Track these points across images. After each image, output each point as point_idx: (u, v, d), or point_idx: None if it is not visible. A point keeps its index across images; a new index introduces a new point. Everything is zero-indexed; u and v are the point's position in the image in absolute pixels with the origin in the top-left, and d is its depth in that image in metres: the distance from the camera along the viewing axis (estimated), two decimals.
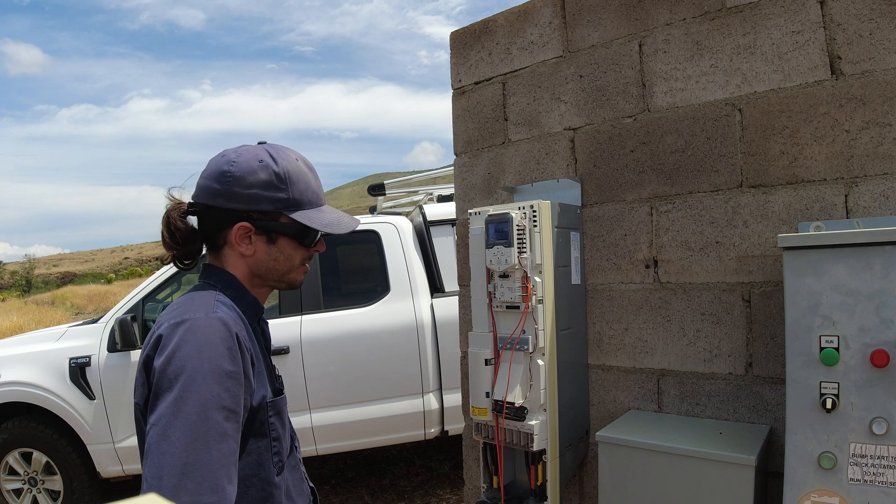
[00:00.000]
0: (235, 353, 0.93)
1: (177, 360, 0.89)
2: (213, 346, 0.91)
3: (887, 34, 1.34)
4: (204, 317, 0.95)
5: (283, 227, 1.06)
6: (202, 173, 1.07)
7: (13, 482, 3.38)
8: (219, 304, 0.99)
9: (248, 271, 1.08)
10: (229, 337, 0.94)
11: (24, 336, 4.02)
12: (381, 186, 4.23)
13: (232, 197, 1.02)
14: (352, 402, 3.36)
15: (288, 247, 1.08)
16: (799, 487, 1.14)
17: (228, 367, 0.91)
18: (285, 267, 1.09)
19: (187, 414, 0.85)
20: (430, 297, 3.53)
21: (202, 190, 1.05)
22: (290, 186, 1.05)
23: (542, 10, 1.92)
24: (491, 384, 1.59)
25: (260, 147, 1.08)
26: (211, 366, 0.89)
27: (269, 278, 1.10)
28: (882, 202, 1.35)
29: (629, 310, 1.75)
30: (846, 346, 1.11)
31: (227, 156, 1.06)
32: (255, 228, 1.04)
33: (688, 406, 1.64)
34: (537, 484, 1.61)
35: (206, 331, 0.92)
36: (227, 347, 0.92)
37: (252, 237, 1.05)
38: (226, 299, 1.02)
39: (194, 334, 0.92)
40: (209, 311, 0.96)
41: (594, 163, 1.81)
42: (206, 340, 0.91)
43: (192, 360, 0.89)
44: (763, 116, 1.51)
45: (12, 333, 9.71)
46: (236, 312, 1.02)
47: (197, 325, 0.93)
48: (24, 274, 62.08)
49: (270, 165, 1.04)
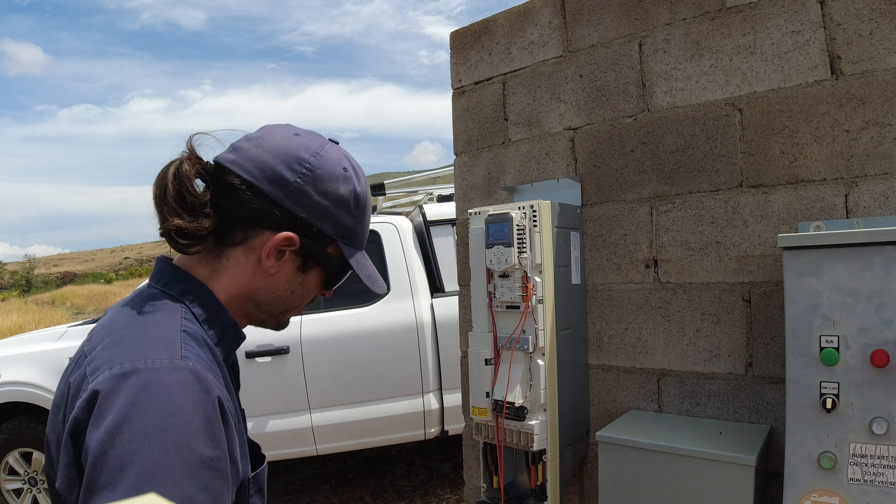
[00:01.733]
0: (217, 426, 0.63)
1: (123, 440, 0.58)
2: (182, 419, 0.60)
3: (887, 34, 1.34)
4: (168, 365, 0.63)
5: (327, 258, 0.82)
6: (259, 141, 0.79)
7: (13, 482, 3.38)
8: (186, 340, 0.69)
9: (244, 293, 0.80)
10: (208, 402, 0.64)
11: (24, 336, 4.02)
12: (381, 186, 4.23)
13: (298, 196, 0.77)
14: (352, 402, 3.36)
15: (314, 281, 0.85)
16: (799, 487, 1.14)
17: (207, 453, 0.61)
18: (295, 303, 0.85)
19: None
20: (430, 297, 3.53)
21: (256, 165, 0.77)
22: (361, 217, 0.84)
23: (542, 10, 1.92)
24: (491, 384, 1.59)
25: (339, 148, 0.84)
26: (179, 451, 0.59)
27: (266, 309, 0.84)
28: (882, 202, 1.35)
29: (629, 310, 1.75)
30: (846, 346, 1.11)
31: (307, 141, 0.80)
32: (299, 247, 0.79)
33: (688, 406, 1.64)
34: (537, 484, 1.61)
35: (172, 392, 0.62)
36: (203, 419, 0.62)
37: (287, 252, 0.80)
38: (195, 326, 0.73)
39: (152, 396, 0.60)
40: (175, 355, 0.65)
41: (594, 163, 1.81)
42: (171, 408, 0.60)
43: (149, 441, 0.58)
44: (763, 116, 1.51)
45: (12, 333, 9.71)
46: (206, 348, 0.72)
47: (157, 379, 0.62)
48: (24, 274, 62.12)
49: (353, 182, 0.82)
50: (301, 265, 0.81)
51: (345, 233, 0.82)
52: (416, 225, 3.76)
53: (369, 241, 3.62)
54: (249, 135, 0.80)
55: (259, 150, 0.77)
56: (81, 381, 0.65)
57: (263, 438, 3.27)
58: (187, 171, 0.74)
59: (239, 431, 0.73)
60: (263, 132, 0.80)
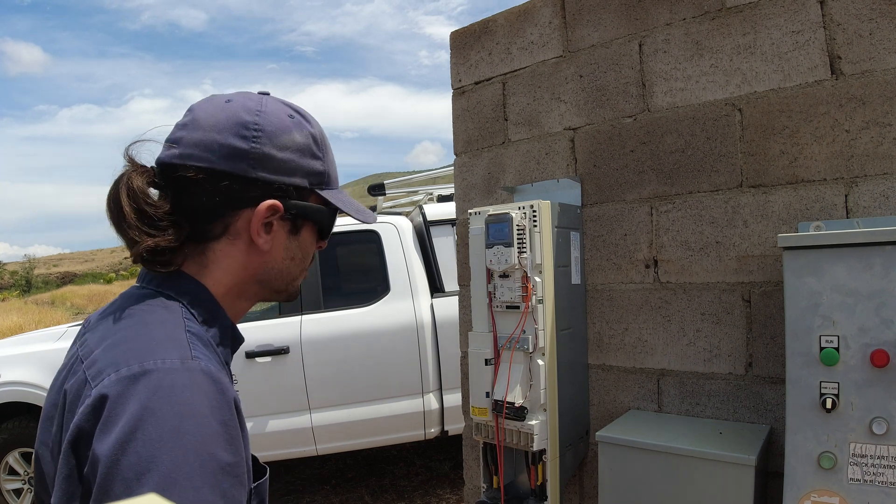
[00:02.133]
0: (235, 430, 0.60)
1: (138, 447, 0.53)
2: (199, 423, 0.56)
3: (887, 34, 1.34)
4: (180, 366, 0.59)
5: (313, 211, 0.77)
6: (195, 124, 0.72)
7: (13, 482, 3.38)
8: (193, 340, 0.64)
9: (246, 276, 0.75)
10: (224, 404, 0.60)
11: (23, 336, 4.02)
12: (381, 186, 4.23)
13: (262, 161, 0.71)
14: (352, 402, 3.36)
15: (308, 239, 0.80)
16: (799, 487, 1.14)
17: (226, 458, 0.57)
18: (298, 269, 0.80)
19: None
20: (430, 297, 3.53)
21: (204, 147, 0.70)
22: (325, 155, 0.78)
23: (542, 10, 1.92)
24: (491, 384, 1.59)
25: (275, 98, 0.78)
26: (199, 457, 0.54)
27: (273, 285, 0.79)
28: (882, 202, 1.35)
29: (629, 310, 1.75)
30: (846, 346, 1.11)
31: (242, 102, 0.74)
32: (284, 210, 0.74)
33: (688, 406, 1.64)
34: (537, 484, 1.61)
35: (187, 393, 0.57)
36: (220, 422, 0.58)
37: (274, 223, 0.74)
38: (198, 326, 0.69)
39: (167, 398, 0.56)
40: (185, 355, 0.61)
41: (594, 163, 1.81)
42: (188, 411, 0.56)
43: (166, 447, 0.53)
44: (763, 116, 1.51)
45: (12, 333, 9.72)
46: (213, 351, 0.68)
47: (170, 381, 0.57)
48: (24, 274, 62.13)
49: (305, 125, 0.76)
50: (291, 228, 0.77)
51: (318, 178, 0.77)
52: (416, 225, 3.76)
53: (369, 241, 3.63)
54: (180, 122, 0.73)
55: (200, 133, 0.71)
56: (81, 388, 0.60)
57: (263, 438, 3.27)
58: (139, 185, 0.69)
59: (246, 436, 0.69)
60: (194, 114, 0.73)
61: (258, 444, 3.27)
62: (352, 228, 3.71)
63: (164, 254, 0.69)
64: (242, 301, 0.78)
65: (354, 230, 3.71)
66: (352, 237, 3.75)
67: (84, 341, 0.68)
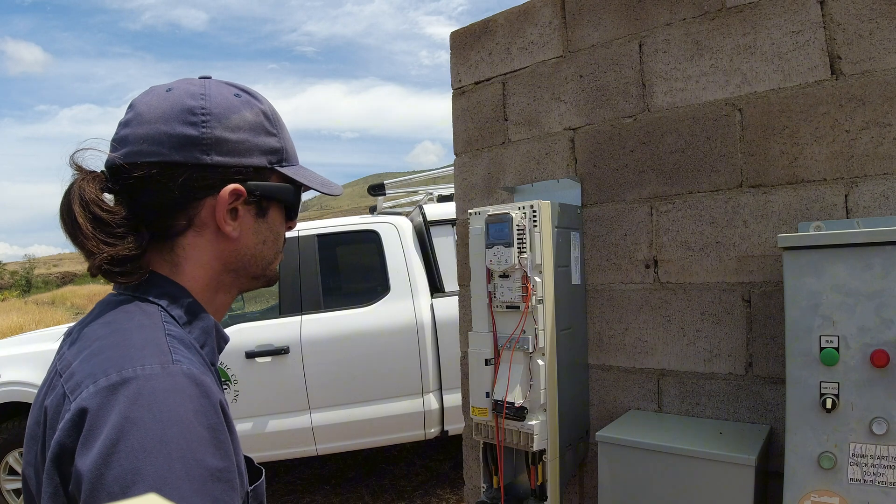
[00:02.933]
0: (222, 434, 0.57)
1: (121, 459, 0.51)
2: (184, 429, 0.54)
3: (887, 34, 1.34)
4: (161, 371, 0.57)
5: (276, 190, 0.74)
6: (139, 119, 0.68)
7: (13, 482, 3.38)
8: (173, 343, 0.62)
9: (219, 267, 0.73)
10: (210, 407, 0.57)
11: (24, 336, 4.02)
12: (381, 186, 4.23)
13: (215, 145, 0.68)
14: (352, 402, 3.36)
15: (276, 220, 0.77)
16: (799, 487, 1.14)
17: (214, 464, 0.55)
18: (271, 253, 0.77)
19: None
20: (430, 297, 3.53)
21: (152, 141, 0.66)
22: (280, 131, 0.76)
23: (542, 10, 1.92)
24: (491, 384, 1.59)
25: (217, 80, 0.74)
26: (186, 465, 0.52)
27: (248, 272, 0.76)
28: (882, 202, 1.35)
29: (629, 310, 1.75)
30: (846, 346, 1.11)
31: (184, 88, 0.70)
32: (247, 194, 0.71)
33: (688, 406, 1.64)
34: (537, 484, 1.61)
35: (170, 399, 0.55)
36: (207, 427, 0.56)
37: (239, 208, 0.71)
38: (178, 329, 0.66)
39: (148, 406, 0.54)
40: (166, 360, 0.58)
41: (594, 163, 1.81)
42: (172, 418, 0.54)
43: (150, 457, 0.51)
44: (763, 116, 1.51)
45: (12, 333, 9.71)
46: (196, 353, 0.66)
47: (152, 388, 0.55)
48: (24, 274, 62.13)
49: (254, 102, 0.74)
50: (258, 211, 0.74)
51: (277, 155, 0.74)
52: (416, 225, 3.76)
53: (369, 241, 3.63)
54: (122, 120, 0.70)
55: (145, 127, 0.67)
56: (60, 402, 0.58)
57: (263, 438, 3.27)
58: (91, 192, 0.65)
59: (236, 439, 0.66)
60: (136, 108, 0.69)
61: (258, 444, 3.27)
62: (352, 228, 3.71)
63: (125, 263, 0.65)
64: (222, 294, 0.75)
65: (354, 230, 3.71)
66: (352, 237, 3.75)
67: (62, 355, 0.65)
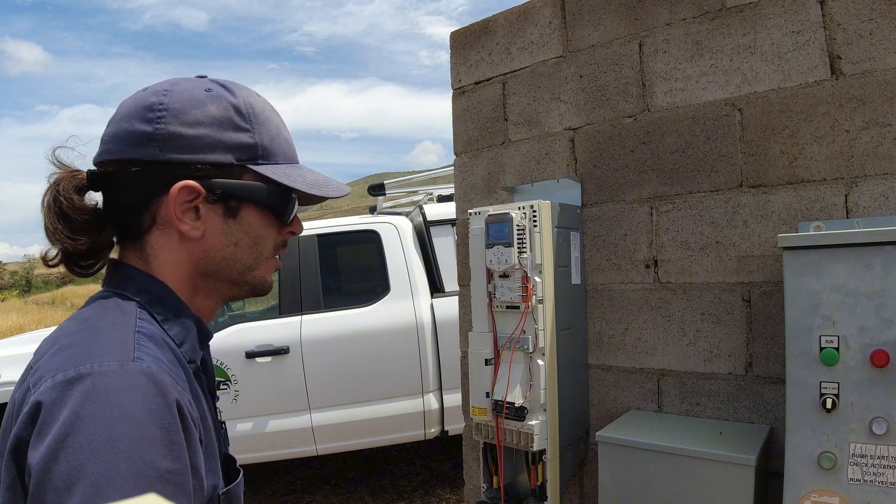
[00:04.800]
0: (176, 435, 0.56)
1: (68, 455, 0.50)
2: (134, 428, 0.53)
3: (887, 34, 1.34)
4: (118, 368, 0.56)
5: (247, 189, 0.70)
6: (112, 118, 0.70)
7: None
8: (141, 340, 0.61)
9: (191, 269, 0.71)
10: (164, 406, 0.56)
11: (24, 336, 4.02)
12: (381, 186, 4.24)
13: (168, 141, 0.66)
14: (352, 402, 3.36)
15: (256, 222, 0.72)
16: (799, 487, 1.14)
17: (164, 465, 0.53)
18: (250, 256, 0.72)
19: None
20: (430, 297, 3.53)
21: (115, 139, 0.67)
22: (257, 126, 0.71)
23: (542, 10, 1.92)
24: (491, 384, 1.59)
25: (202, 78, 0.73)
26: (132, 465, 0.51)
27: (224, 277, 0.72)
28: (882, 202, 1.35)
29: (629, 310, 1.75)
30: (846, 346, 1.11)
31: (155, 86, 0.70)
32: (207, 192, 0.68)
33: (688, 406, 1.64)
34: (537, 484, 1.61)
35: (122, 397, 0.54)
36: (160, 427, 0.54)
37: (200, 207, 0.68)
38: (152, 326, 0.65)
39: (100, 403, 0.53)
40: (126, 357, 0.58)
41: (594, 163, 1.81)
42: (122, 416, 0.53)
43: (96, 455, 0.50)
44: (763, 116, 1.51)
45: (12, 333, 9.71)
46: (167, 349, 0.64)
47: (105, 384, 0.54)
48: (24, 274, 62.11)
49: (225, 96, 0.70)
50: (226, 211, 0.70)
51: (248, 152, 0.70)
52: (416, 225, 3.76)
53: (369, 241, 3.62)
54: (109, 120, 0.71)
55: (113, 126, 0.68)
56: (24, 395, 0.58)
57: (263, 438, 3.27)
58: (64, 189, 0.67)
59: (208, 441, 0.66)
60: (119, 107, 0.70)
61: (258, 444, 3.27)
62: (352, 228, 3.71)
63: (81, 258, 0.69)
64: (200, 298, 0.73)
65: (354, 230, 3.71)
66: (352, 237, 3.75)
67: (37, 349, 0.65)
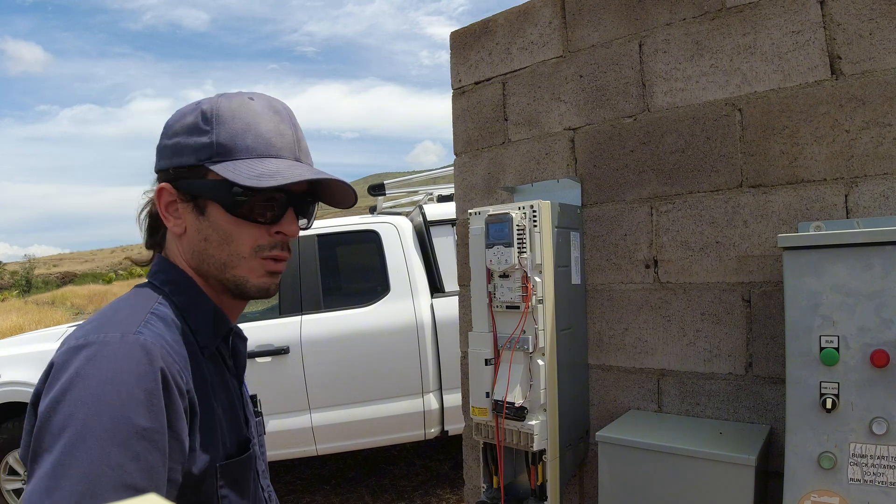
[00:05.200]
0: (157, 398, 0.64)
1: (65, 406, 0.60)
2: (121, 389, 0.62)
3: (887, 34, 1.34)
4: (119, 339, 0.65)
5: (205, 186, 0.75)
6: None
7: (13, 482, 3.38)
8: (151, 320, 0.70)
9: (193, 265, 0.79)
10: (150, 373, 0.64)
11: (24, 336, 4.02)
12: (381, 186, 4.23)
13: (160, 153, 0.78)
14: (352, 402, 3.36)
15: (222, 219, 0.75)
16: (799, 487, 1.14)
17: (142, 423, 0.62)
18: (223, 253, 0.77)
19: (65, 495, 0.56)
20: (430, 297, 3.53)
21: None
22: (216, 127, 0.74)
23: (542, 10, 1.92)
24: (491, 384, 1.59)
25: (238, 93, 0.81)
26: (113, 420, 0.60)
27: (207, 272, 0.78)
28: (882, 202, 1.35)
29: (629, 310, 1.75)
30: (846, 346, 1.11)
31: None
32: (177, 192, 0.76)
33: (688, 406, 1.64)
34: (537, 484, 1.61)
35: (116, 363, 0.63)
36: (144, 390, 0.63)
37: (179, 206, 0.77)
38: (168, 311, 0.74)
39: (97, 366, 0.63)
40: (128, 331, 0.67)
41: (594, 163, 1.81)
42: (113, 378, 0.62)
43: (84, 408, 0.60)
44: (763, 116, 1.51)
45: (12, 333, 9.71)
46: (177, 332, 0.73)
47: (104, 352, 0.64)
48: (24, 274, 62.10)
49: (201, 104, 0.77)
50: (195, 208, 0.76)
51: (206, 152, 0.74)
52: (416, 225, 3.76)
53: (369, 241, 3.62)
54: None
55: None
56: None
57: None
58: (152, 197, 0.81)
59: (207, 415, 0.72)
60: None
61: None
62: (352, 228, 3.71)
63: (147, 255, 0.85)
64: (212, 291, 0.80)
65: (354, 230, 3.70)
66: (352, 237, 3.75)
67: None
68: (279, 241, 0.78)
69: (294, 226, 0.78)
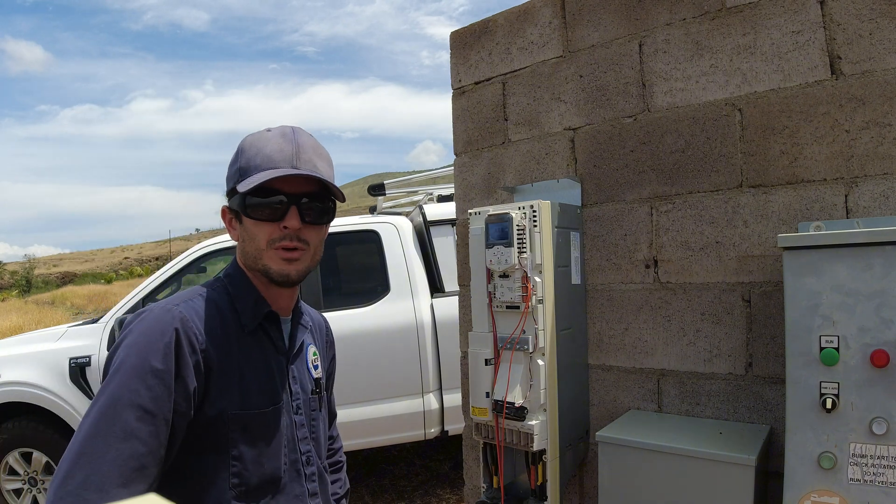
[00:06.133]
0: (170, 350, 0.88)
1: (119, 351, 0.89)
2: (149, 340, 0.88)
3: (887, 34, 1.34)
4: (160, 308, 0.92)
5: (234, 201, 1.00)
6: None
7: (13, 482, 3.38)
8: (195, 299, 0.97)
9: (242, 261, 1.04)
10: (171, 330, 0.89)
11: (24, 336, 4.02)
12: (381, 186, 4.23)
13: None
14: (352, 402, 3.35)
15: (248, 223, 0.99)
16: (799, 487, 1.14)
17: (156, 365, 0.86)
18: (252, 248, 0.99)
19: (100, 405, 0.83)
20: (430, 297, 3.53)
21: None
22: (240, 157, 0.99)
23: (542, 10, 1.92)
24: (491, 384, 1.59)
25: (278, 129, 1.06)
26: (139, 360, 0.86)
27: (251, 265, 1.02)
28: (882, 202, 1.35)
29: (629, 310, 1.75)
30: (846, 346, 1.11)
31: None
32: (229, 210, 1.03)
33: (688, 406, 1.64)
34: (537, 484, 1.61)
35: (151, 324, 0.90)
36: (164, 343, 0.88)
37: (233, 220, 1.03)
38: (217, 295, 0.99)
39: (141, 325, 0.90)
40: (172, 304, 0.94)
41: (594, 163, 1.81)
42: (146, 332, 0.89)
43: (126, 351, 0.88)
44: (763, 116, 1.51)
45: (12, 333, 9.70)
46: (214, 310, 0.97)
47: (148, 317, 0.91)
48: (24, 274, 62.11)
49: (242, 143, 1.02)
50: (236, 219, 1.02)
51: (236, 177, 0.98)
52: (416, 225, 3.76)
53: (369, 241, 3.62)
54: None
55: None
56: None
57: None
58: None
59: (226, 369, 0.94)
60: None
61: None
62: (352, 228, 3.71)
63: None
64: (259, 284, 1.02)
65: (354, 230, 3.70)
66: (352, 237, 3.75)
67: None
68: (287, 233, 0.97)
69: (294, 220, 0.97)
